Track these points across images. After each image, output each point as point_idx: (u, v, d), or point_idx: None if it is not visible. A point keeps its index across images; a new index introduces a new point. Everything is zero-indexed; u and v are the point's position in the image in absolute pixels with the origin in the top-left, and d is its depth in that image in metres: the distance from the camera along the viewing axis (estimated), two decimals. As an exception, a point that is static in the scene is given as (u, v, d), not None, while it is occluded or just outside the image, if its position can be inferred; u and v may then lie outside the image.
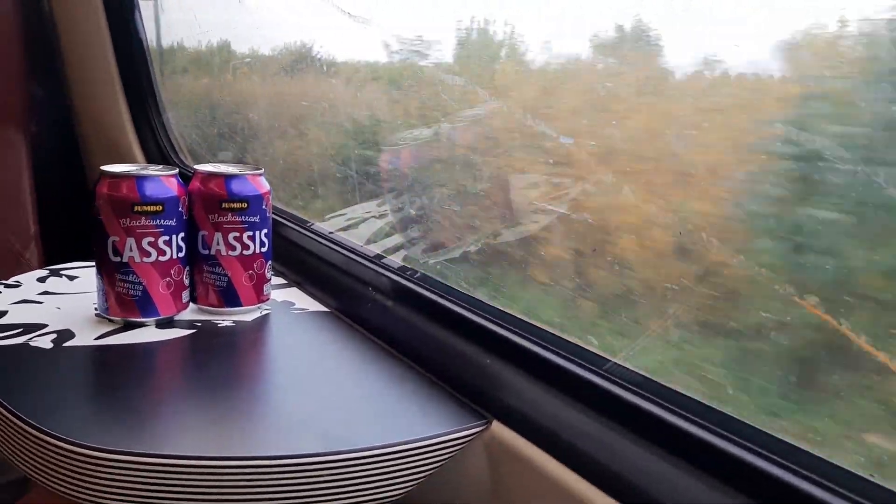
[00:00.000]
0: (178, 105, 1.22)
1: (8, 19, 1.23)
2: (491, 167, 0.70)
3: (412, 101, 0.78)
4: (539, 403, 0.52)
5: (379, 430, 0.53)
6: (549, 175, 0.63)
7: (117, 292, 0.67)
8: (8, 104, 1.26)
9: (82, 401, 0.57)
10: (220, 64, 1.15)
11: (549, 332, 0.56)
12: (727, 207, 0.51)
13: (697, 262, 0.51)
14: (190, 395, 0.59)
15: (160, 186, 0.67)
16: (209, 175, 0.71)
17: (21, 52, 1.24)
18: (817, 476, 0.39)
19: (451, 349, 0.61)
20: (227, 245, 0.71)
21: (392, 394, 0.60)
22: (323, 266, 0.81)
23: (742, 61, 0.49)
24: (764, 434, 0.42)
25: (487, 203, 0.70)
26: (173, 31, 1.28)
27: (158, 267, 0.67)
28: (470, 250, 0.68)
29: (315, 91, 0.94)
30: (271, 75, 1.06)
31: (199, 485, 0.48)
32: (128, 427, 0.52)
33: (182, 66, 1.27)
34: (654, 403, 0.46)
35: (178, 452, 0.48)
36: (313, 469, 0.49)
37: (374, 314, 0.70)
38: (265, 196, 0.72)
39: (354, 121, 0.88)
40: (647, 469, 0.45)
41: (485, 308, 0.61)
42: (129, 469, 0.48)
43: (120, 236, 0.66)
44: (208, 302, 0.73)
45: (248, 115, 1.11)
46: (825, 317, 0.42)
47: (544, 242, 0.64)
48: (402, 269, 0.72)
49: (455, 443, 0.53)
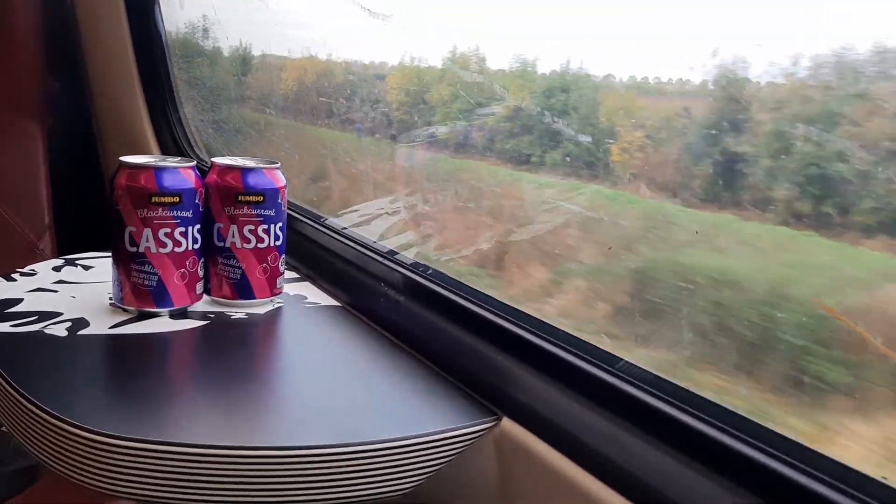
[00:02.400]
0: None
1: (29, 14, 1.24)
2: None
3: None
4: (549, 400, 0.52)
5: (389, 424, 0.54)
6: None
7: (133, 282, 0.68)
8: (27, 97, 1.27)
9: (96, 388, 0.58)
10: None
11: (561, 330, 0.57)
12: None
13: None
14: (202, 385, 0.59)
15: (178, 178, 0.67)
16: (226, 168, 0.71)
17: (41, 46, 1.26)
18: (829, 477, 0.39)
19: (463, 345, 0.61)
20: (243, 238, 0.71)
21: (403, 388, 0.60)
22: (336, 261, 0.81)
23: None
24: (776, 435, 0.42)
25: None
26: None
27: (174, 258, 0.68)
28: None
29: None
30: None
31: (211, 473, 0.48)
32: (141, 415, 0.53)
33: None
34: (665, 402, 0.46)
35: (191, 441, 0.49)
36: (324, 460, 0.49)
37: (385, 309, 0.71)
38: (281, 190, 0.72)
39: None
40: (657, 467, 0.45)
41: (496, 305, 0.61)
42: (141, 456, 0.48)
43: (137, 226, 0.66)
44: (222, 294, 0.73)
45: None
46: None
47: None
48: (415, 266, 0.72)
49: (465, 438, 0.53)
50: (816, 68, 0.50)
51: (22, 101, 1.27)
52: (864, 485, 0.38)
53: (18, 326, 0.65)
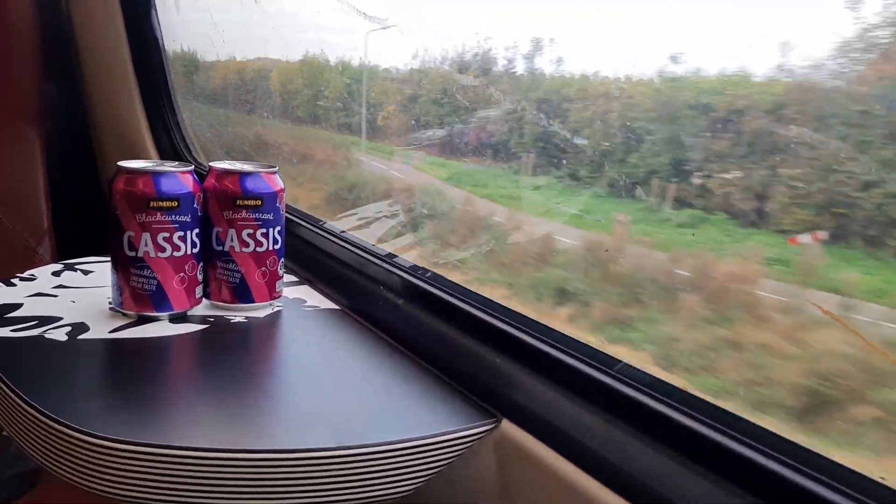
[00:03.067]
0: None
1: (26, 18, 1.24)
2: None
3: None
4: (548, 402, 0.53)
5: (389, 427, 0.54)
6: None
7: (132, 286, 0.68)
8: (24, 102, 1.27)
9: (96, 392, 0.58)
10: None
11: (559, 333, 0.57)
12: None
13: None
14: (202, 389, 0.60)
15: (176, 182, 0.68)
16: (224, 172, 0.72)
17: (38, 50, 1.26)
18: (826, 477, 0.39)
19: (462, 348, 0.61)
20: (241, 242, 0.71)
21: (402, 391, 0.60)
22: (335, 264, 0.81)
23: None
24: (774, 436, 0.43)
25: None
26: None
27: (173, 262, 0.68)
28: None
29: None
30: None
31: (211, 476, 0.48)
32: (141, 418, 0.53)
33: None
34: (663, 404, 0.47)
35: (191, 444, 0.49)
36: (323, 463, 0.49)
37: (385, 312, 0.71)
38: (279, 194, 0.73)
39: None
40: (655, 468, 0.45)
41: (495, 307, 0.62)
42: (141, 459, 0.48)
43: (136, 231, 0.67)
44: (221, 298, 0.73)
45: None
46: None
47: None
48: (414, 269, 0.72)
49: (465, 440, 0.53)
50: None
51: (19, 106, 1.27)
52: (861, 485, 0.38)
53: (19, 331, 0.65)
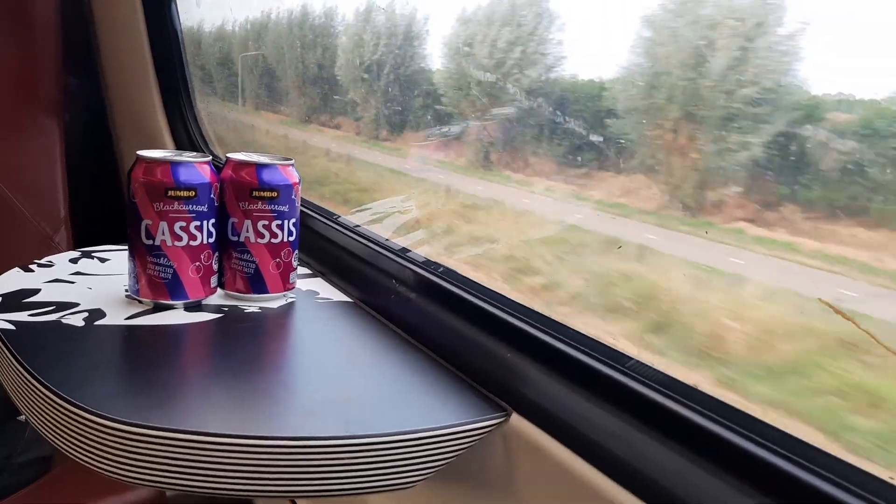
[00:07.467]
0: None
1: (46, 11, 1.26)
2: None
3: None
4: (558, 397, 0.53)
5: (399, 418, 0.54)
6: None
7: (148, 274, 0.69)
8: (44, 93, 1.29)
9: (112, 377, 0.59)
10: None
11: (571, 328, 0.57)
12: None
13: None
14: (216, 376, 0.60)
15: (194, 172, 0.68)
16: (241, 163, 0.72)
17: (58, 42, 1.27)
18: (838, 477, 0.39)
19: (473, 342, 0.61)
20: (257, 233, 0.72)
21: (413, 383, 0.61)
22: (348, 257, 0.82)
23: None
24: (786, 435, 0.43)
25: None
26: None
27: (189, 251, 0.69)
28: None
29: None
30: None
31: (223, 461, 0.49)
32: (155, 403, 0.53)
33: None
34: (675, 401, 0.47)
35: (203, 429, 0.49)
36: (333, 451, 0.50)
37: (397, 306, 0.71)
38: (295, 186, 0.73)
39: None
40: (665, 464, 0.45)
41: (507, 303, 0.62)
42: (154, 443, 0.49)
43: (153, 220, 0.67)
44: (236, 288, 0.74)
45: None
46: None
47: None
48: (427, 263, 0.72)
49: (474, 433, 0.54)
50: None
51: (39, 96, 1.29)
52: (872, 485, 0.38)
53: (36, 316, 0.66)
